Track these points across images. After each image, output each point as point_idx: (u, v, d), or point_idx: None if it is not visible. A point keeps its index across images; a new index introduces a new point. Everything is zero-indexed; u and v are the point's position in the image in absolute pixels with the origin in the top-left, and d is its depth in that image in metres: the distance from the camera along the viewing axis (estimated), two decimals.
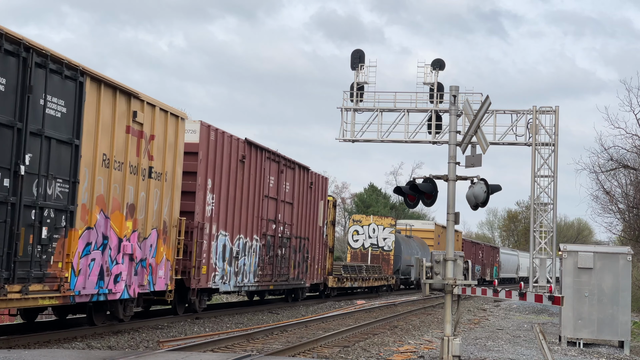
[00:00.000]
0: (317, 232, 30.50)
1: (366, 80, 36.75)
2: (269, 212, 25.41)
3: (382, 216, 48.61)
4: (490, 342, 18.55)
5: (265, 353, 13.93)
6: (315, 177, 30.31)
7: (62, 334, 15.51)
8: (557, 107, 35.62)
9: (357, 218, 47.79)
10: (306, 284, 29.64)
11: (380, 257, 45.37)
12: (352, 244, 46.44)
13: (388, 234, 45.82)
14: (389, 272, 44.88)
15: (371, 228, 45.95)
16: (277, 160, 26.06)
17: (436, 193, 13.74)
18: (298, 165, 28.14)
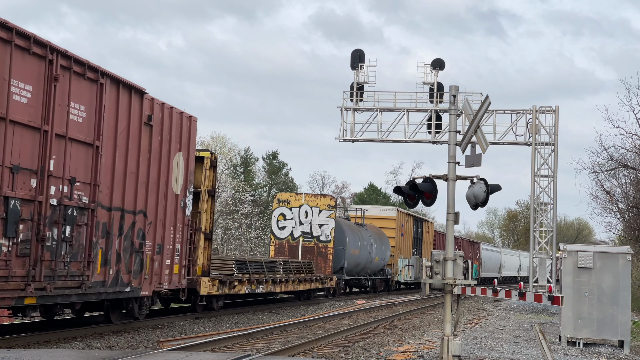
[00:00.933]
0: (172, 205, 18.12)
1: (366, 80, 36.75)
2: (22, 154, 12.70)
3: (317, 194, 33.88)
4: (490, 342, 18.55)
5: (265, 353, 13.92)
6: (163, 110, 17.61)
7: (62, 334, 15.51)
8: (557, 107, 35.63)
9: (284, 197, 34.36)
10: (143, 292, 17.02)
11: (316, 251, 33.46)
12: (277, 233, 33.87)
13: (326, 219, 33.31)
14: (327, 270, 33.29)
15: (303, 211, 33.45)
16: (47, 57, 13.20)
17: (436, 193, 13.75)
18: (113, 80, 15.52)
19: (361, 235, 36.99)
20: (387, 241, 41.30)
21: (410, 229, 47.28)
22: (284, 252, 33.57)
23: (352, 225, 37.03)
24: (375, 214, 43.23)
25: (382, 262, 40.61)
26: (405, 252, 45.81)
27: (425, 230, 51.38)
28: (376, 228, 41.05)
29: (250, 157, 69.47)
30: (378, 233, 40.43)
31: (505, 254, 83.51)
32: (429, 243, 52.44)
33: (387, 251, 41.15)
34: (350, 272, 35.86)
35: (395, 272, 43.95)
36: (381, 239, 40.27)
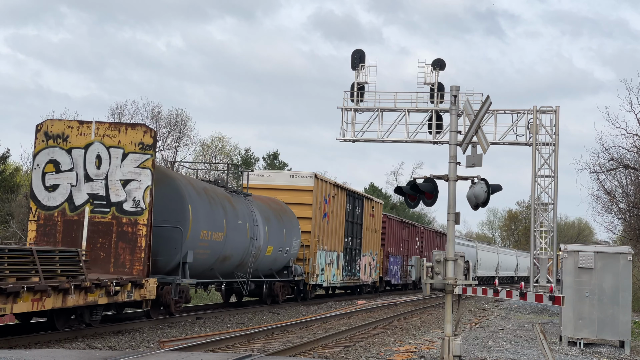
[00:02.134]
0: None
1: (366, 80, 36.72)
2: None
3: (120, 124, 18.25)
4: (491, 342, 18.55)
5: (266, 353, 13.93)
6: None
7: (63, 334, 15.51)
8: (558, 107, 35.61)
9: (58, 129, 18.09)
10: None
11: (116, 232, 17.63)
12: (43, 197, 18.03)
13: (135, 170, 17.78)
14: (137, 268, 17.38)
15: (92, 155, 17.92)
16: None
17: (437, 193, 13.74)
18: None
19: (231, 210, 22.14)
20: (296, 224, 27.65)
21: (341, 209, 33.16)
22: (54, 234, 17.72)
23: (209, 189, 21.32)
24: (281, 183, 29.78)
25: (283, 256, 26.55)
26: (330, 242, 31.68)
27: (367, 212, 37.28)
28: (276, 203, 27.20)
29: (251, 157, 69.46)
30: (277, 210, 26.48)
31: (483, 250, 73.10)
32: (375, 232, 39.15)
33: (294, 239, 27.24)
34: (202, 271, 21.03)
35: (313, 272, 29.41)
36: (282, 219, 26.37)
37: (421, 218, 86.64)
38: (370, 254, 38.35)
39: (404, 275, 46.40)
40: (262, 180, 30.07)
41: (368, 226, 37.51)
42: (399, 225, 45.35)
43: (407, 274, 46.90)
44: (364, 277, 37.33)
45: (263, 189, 29.04)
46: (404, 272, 46.38)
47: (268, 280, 26.39)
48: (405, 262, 46.44)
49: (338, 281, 33.37)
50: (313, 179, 29.73)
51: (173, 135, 58.82)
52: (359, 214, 35.95)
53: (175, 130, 59.51)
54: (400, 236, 45.25)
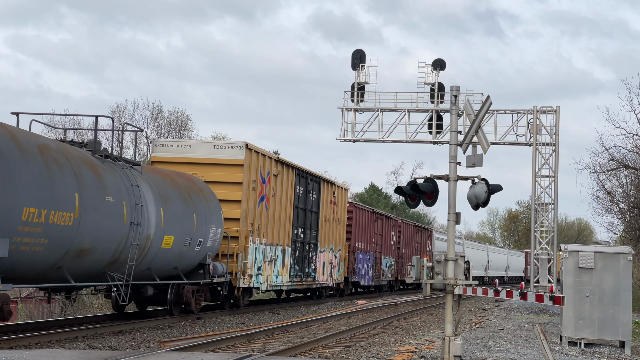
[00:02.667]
0: None
1: (367, 80, 36.73)
2: None
3: None
4: (491, 342, 18.55)
5: (266, 353, 13.93)
6: None
7: (64, 334, 15.52)
8: (558, 107, 35.62)
9: None
10: None
11: None
12: None
13: None
14: None
15: None
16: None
17: (437, 193, 13.74)
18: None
19: (93, 181, 15.75)
20: (216, 208, 21.40)
21: (287, 192, 26.66)
22: None
23: (52, 149, 14.85)
24: (202, 155, 23.23)
25: (194, 251, 20.04)
26: (271, 234, 25.25)
27: (326, 198, 31.03)
28: (186, 179, 20.90)
29: None
30: (185, 188, 20.17)
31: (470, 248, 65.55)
32: (338, 223, 32.86)
33: (211, 227, 20.80)
34: (40, 271, 14.79)
35: (244, 272, 22.94)
36: (192, 200, 20.03)
37: (421, 218, 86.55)
38: (332, 249, 32.23)
39: (377, 275, 40.20)
40: (178, 152, 23.34)
41: (328, 216, 31.15)
42: (369, 216, 38.82)
43: (381, 273, 40.91)
44: (322, 278, 31.01)
45: (179, 163, 22.76)
46: (377, 272, 40.04)
47: (174, 284, 19.90)
48: (378, 259, 40.14)
49: (284, 283, 26.66)
50: (244, 150, 22.95)
51: (173, 135, 58.79)
52: (314, 200, 29.47)
53: (176, 130, 59.53)
54: (371, 229, 38.93)
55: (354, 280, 36.31)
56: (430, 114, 36.40)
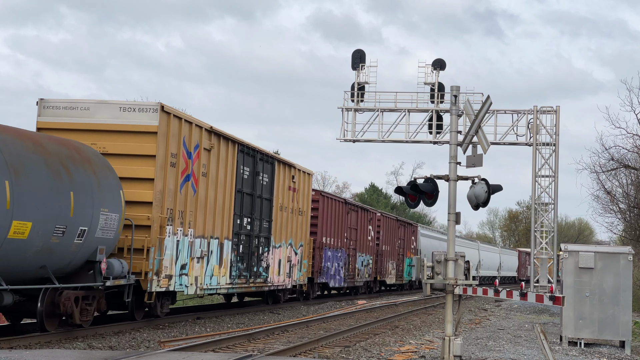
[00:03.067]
0: None
1: (367, 80, 36.73)
2: None
3: None
4: (492, 342, 18.55)
5: (266, 353, 13.93)
6: None
7: (63, 334, 15.51)
8: (558, 107, 35.63)
9: None
10: None
11: None
12: None
13: None
14: None
15: None
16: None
17: (437, 193, 13.74)
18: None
19: None
20: (113, 187, 16.16)
21: (227, 172, 21.27)
22: None
23: None
24: (104, 120, 18.02)
25: (71, 244, 14.69)
26: (203, 223, 19.95)
27: (282, 183, 25.60)
28: (62, 145, 15.27)
29: None
30: (57, 157, 14.70)
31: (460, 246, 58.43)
32: (300, 213, 27.63)
33: (101, 212, 15.51)
34: None
35: (158, 272, 17.55)
36: (68, 174, 14.67)
37: (421, 218, 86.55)
38: (291, 245, 26.78)
39: (351, 276, 35.49)
40: (72, 116, 18.01)
41: (285, 204, 25.97)
42: (340, 207, 33.78)
43: (356, 273, 36.33)
44: (278, 279, 25.54)
45: (75, 130, 17.63)
46: (351, 271, 35.46)
47: (46, 288, 14.61)
48: (352, 257, 35.50)
49: (222, 285, 21.15)
50: (158, 113, 17.80)
51: None
52: (265, 184, 24.02)
53: None
54: (343, 222, 33.96)
55: (321, 281, 31.23)
56: (430, 114, 36.40)
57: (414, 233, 49.37)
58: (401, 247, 45.79)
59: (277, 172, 25.16)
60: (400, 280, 45.92)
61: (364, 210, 38.18)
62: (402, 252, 45.98)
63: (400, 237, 45.22)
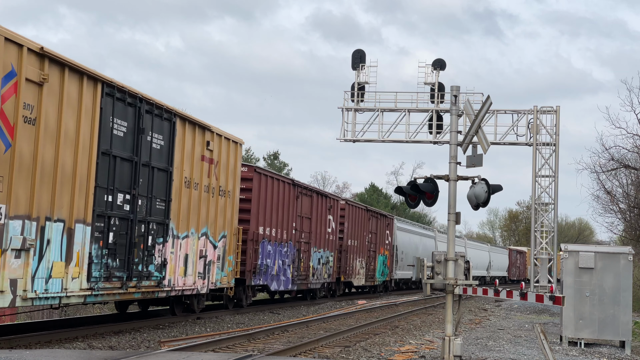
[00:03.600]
0: None
1: (367, 80, 36.76)
2: None
3: None
4: (492, 342, 18.55)
5: (266, 353, 13.93)
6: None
7: (64, 334, 15.52)
8: (558, 107, 35.65)
9: None
10: None
11: None
12: None
13: None
14: None
15: None
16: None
17: (437, 193, 13.75)
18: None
19: None
20: None
21: (81, 121, 14.44)
22: None
23: None
24: None
25: None
26: (24, 197, 12.87)
27: (193, 151, 19.23)
28: None
29: (252, 158, 69.50)
30: None
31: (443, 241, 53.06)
32: (219, 194, 20.89)
33: None
34: None
35: None
36: None
37: (422, 218, 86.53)
38: (206, 235, 20.10)
39: (302, 276, 28.77)
40: None
41: (196, 179, 19.40)
42: (286, 189, 26.78)
43: (310, 272, 29.58)
44: (182, 281, 18.80)
45: None
46: (303, 271, 28.76)
47: None
48: (304, 253, 28.80)
49: (72, 291, 14.34)
50: None
51: None
52: (159, 148, 17.41)
53: None
54: (291, 210, 27.22)
55: (257, 283, 24.47)
56: (431, 114, 36.41)
57: (389, 226, 42.15)
58: (373, 242, 38.61)
59: (180, 133, 18.41)
60: (371, 281, 38.79)
61: (322, 196, 30.88)
62: (373, 249, 38.87)
63: (371, 231, 38.13)
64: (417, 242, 49.29)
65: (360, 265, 36.83)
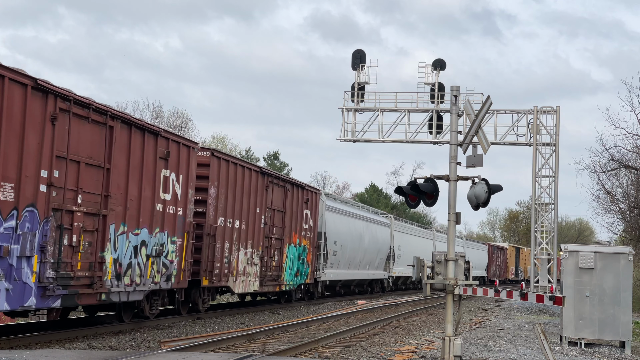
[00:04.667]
0: None
1: (367, 80, 36.73)
2: None
3: None
4: (492, 342, 18.55)
5: (266, 353, 13.93)
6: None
7: (63, 334, 15.52)
8: (558, 107, 35.64)
9: None
10: None
11: None
12: None
13: None
14: None
15: None
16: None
17: (437, 193, 13.74)
18: None
19: None
20: None
21: None
22: None
23: None
24: None
25: None
26: None
27: None
28: None
29: (252, 158, 69.51)
30: None
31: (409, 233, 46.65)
32: None
33: None
34: None
35: None
36: None
37: (422, 218, 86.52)
38: None
39: None
40: None
41: None
42: None
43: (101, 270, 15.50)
44: None
45: None
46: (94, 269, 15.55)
47: None
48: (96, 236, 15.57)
49: None
50: None
51: None
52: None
53: (176, 130, 59.69)
54: None
55: None
56: (431, 114, 36.40)
57: (311, 204, 29.00)
58: (277, 224, 25.92)
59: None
60: (273, 284, 25.86)
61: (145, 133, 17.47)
62: (278, 235, 26.02)
63: (271, 206, 25.17)
64: (362, 231, 37.07)
65: (249, 261, 23.71)
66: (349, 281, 37.63)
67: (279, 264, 26.37)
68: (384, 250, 41.74)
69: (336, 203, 35.98)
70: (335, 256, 33.27)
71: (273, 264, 25.86)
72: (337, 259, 33.75)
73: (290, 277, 27.57)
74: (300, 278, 28.61)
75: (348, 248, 35.06)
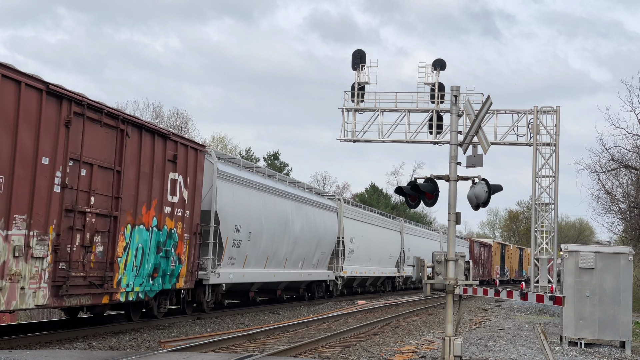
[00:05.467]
0: None
1: (367, 80, 36.74)
2: None
3: None
4: (492, 342, 18.55)
5: (266, 353, 13.93)
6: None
7: (64, 334, 15.52)
8: (558, 107, 35.66)
9: None
10: None
11: None
12: None
13: None
14: None
15: None
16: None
17: (437, 193, 13.74)
18: None
19: None
20: None
21: None
22: None
23: None
24: None
25: None
26: None
27: None
28: None
29: (252, 158, 69.51)
30: None
31: (366, 222, 37.98)
32: None
33: None
34: None
35: None
36: None
37: (422, 218, 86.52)
38: None
39: None
40: None
41: None
42: None
43: None
44: None
45: None
46: None
47: None
48: None
49: None
50: None
51: None
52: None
53: (176, 130, 59.70)
54: None
55: None
56: (431, 114, 36.40)
57: (185, 167, 18.95)
58: (100, 190, 15.31)
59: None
60: (92, 293, 15.10)
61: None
62: (106, 208, 15.47)
63: (84, 158, 14.69)
64: (288, 213, 27.45)
65: (19, 252, 12.92)
66: (268, 284, 27.28)
67: (107, 257, 15.68)
68: (326, 241, 31.68)
69: (240, 171, 24.19)
70: (238, 248, 23.23)
71: (91, 258, 15.16)
72: (242, 252, 23.53)
73: (136, 280, 16.90)
74: (162, 280, 18.08)
75: (260, 236, 24.83)
